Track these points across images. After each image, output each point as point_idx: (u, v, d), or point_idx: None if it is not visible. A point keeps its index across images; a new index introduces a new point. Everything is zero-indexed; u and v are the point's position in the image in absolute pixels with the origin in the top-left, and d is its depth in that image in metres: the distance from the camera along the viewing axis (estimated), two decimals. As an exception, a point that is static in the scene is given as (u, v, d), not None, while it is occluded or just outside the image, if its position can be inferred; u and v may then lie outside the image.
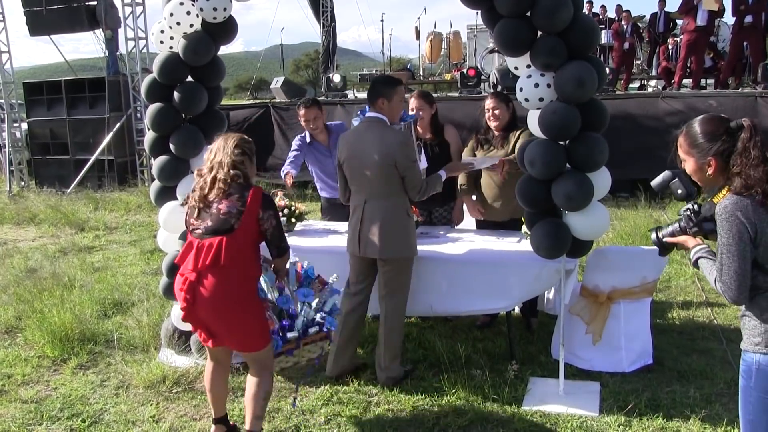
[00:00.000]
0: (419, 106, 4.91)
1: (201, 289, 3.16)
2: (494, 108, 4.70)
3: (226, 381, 3.57)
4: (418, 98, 4.95)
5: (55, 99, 13.21)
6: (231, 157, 3.25)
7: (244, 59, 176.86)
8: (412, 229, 4.09)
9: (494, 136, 4.77)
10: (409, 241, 4.04)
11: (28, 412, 3.94)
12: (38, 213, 10.31)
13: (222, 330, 3.25)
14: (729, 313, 5.23)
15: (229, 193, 3.21)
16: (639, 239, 7.07)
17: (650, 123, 10.28)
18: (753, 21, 11.38)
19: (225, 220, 3.19)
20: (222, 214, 3.19)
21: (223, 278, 3.16)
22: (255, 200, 3.21)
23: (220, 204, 3.20)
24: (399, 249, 3.99)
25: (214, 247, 3.15)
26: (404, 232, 4.01)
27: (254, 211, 3.21)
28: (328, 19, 18.59)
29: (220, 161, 3.26)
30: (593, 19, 4.13)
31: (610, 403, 3.80)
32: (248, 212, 3.19)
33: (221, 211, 3.19)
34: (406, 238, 4.01)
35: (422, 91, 5.14)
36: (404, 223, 4.02)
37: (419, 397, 3.96)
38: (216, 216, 3.20)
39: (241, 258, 3.20)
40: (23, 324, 5.27)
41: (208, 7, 4.01)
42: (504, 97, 4.82)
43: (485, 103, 4.79)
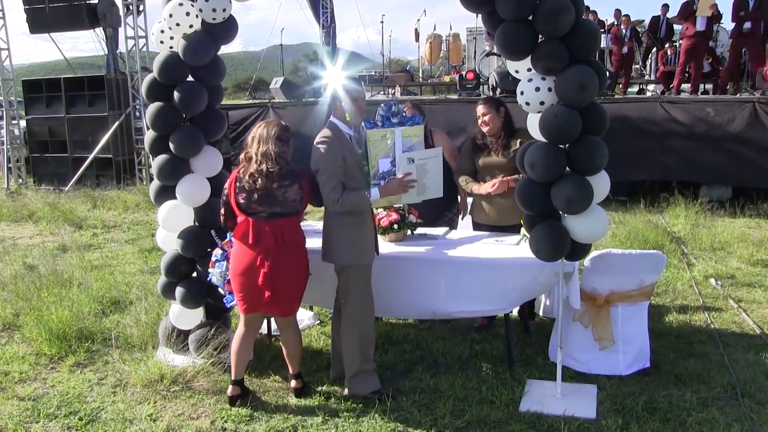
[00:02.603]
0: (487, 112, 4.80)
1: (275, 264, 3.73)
2: (484, 114, 4.70)
3: (251, 347, 4.09)
4: (411, 109, 4.94)
5: (54, 97, 13.20)
6: (276, 148, 3.72)
7: (243, 59, 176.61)
8: (360, 236, 3.89)
9: (492, 141, 4.75)
10: (351, 248, 3.87)
11: (25, 409, 3.94)
12: (36, 210, 10.31)
13: (286, 296, 3.82)
14: (726, 317, 5.25)
15: (287, 183, 3.73)
16: (637, 243, 7.08)
17: (648, 127, 10.30)
18: (752, 27, 11.43)
19: (292, 206, 3.78)
20: (290, 202, 3.76)
21: (294, 253, 3.80)
22: (309, 187, 3.84)
23: (285, 192, 3.73)
24: (340, 255, 3.88)
25: (284, 226, 3.76)
26: (345, 239, 3.86)
27: (310, 194, 3.86)
28: (327, 20, 18.59)
29: (266, 152, 3.71)
30: (594, 24, 4.14)
31: (608, 406, 3.80)
32: (307, 197, 3.84)
33: (289, 198, 3.75)
34: (348, 244, 3.86)
35: (415, 102, 5.18)
36: (346, 230, 3.85)
37: (417, 398, 3.96)
38: (284, 203, 3.75)
39: (300, 233, 3.87)
40: (21, 321, 5.27)
41: (207, 8, 4.02)
42: (495, 101, 4.79)
43: (477, 109, 4.79)
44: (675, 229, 8.18)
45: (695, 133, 10.07)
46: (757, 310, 5.43)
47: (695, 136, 10.06)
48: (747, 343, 4.70)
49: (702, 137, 10.02)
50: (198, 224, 4.43)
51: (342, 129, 3.89)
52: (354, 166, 3.83)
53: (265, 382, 4.21)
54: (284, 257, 3.77)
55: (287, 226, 3.78)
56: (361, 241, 3.90)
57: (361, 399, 3.94)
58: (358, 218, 3.87)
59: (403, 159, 3.86)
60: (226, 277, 4.04)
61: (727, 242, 7.51)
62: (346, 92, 3.91)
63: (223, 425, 3.72)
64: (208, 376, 4.20)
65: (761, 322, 5.11)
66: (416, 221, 4.59)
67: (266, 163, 3.69)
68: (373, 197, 3.81)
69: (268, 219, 3.75)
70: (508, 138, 4.70)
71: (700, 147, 9.98)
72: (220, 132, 4.47)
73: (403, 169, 3.86)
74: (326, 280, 4.10)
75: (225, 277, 4.05)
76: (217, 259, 4.12)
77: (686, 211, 8.72)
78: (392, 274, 4.23)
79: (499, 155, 4.69)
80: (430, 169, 3.94)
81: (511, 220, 4.69)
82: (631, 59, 14.41)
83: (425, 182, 3.96)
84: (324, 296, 4.38)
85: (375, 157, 3.87)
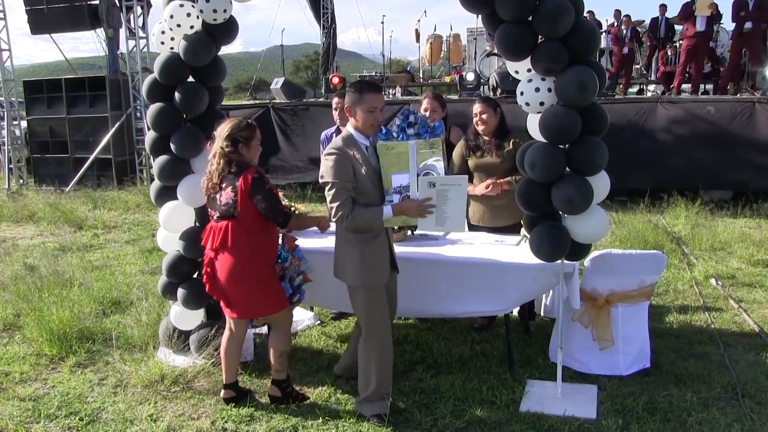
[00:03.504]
0: (433, 107, 4.98)
1: (217, 265, 3.72)
2: (482, 112, 4.69)
3: (238, 349, 4.01)
4: (432, 99, 4.97)
5: (55, 97, 13.22)
6: (222, 149, 3.64)
7: (244, 59, 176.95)
8: (370, 255, 3.58)
9: (485, 141, 4.75)
10: (358, 267, 3.58)
11: (26, 410, 3.94)
12: (37, 211, 10.32)
13: (234, 300, 3.75)
14: (727, 317, 5.25)
15: (225, 185, 3.64)
16: (638, 243, 7.08)
17: (648, 128, 10.31)
18: (752, 28, 11.44)
19: (226, 210, 3.66)
20: (223, 205, 3.66)
21: (233, 256, 3.66)
22: (244, 189, 3.60)
23: (220, 195, 3.66)
24: (348, 274, 3.64)
25: (222, 230, 3.67)
26: (353, 257, 3.59)
27: (246, 198, 3.61)
28: (328, 20, 18.61)
29: (215, 152, 3.68)
30: (594, 24, 4.14)
31: (608, 407, 3.81)
32: (242, 200, 3.61)
33: (221, 202, 3.67)
34: (356, 263, 3.59)
35: (436, 93, 5.15)
36: (353, 247, 3.58)
37: (417, 398, 3.96)
38: (219, 206, 3.68)
39: (249, 238, 3.66)
40: (22, 322, 5.27)
41: (207, 8, 4.02)
42: (492, 102, 4.81)
43: (473, 107, 4.79)
44: (675, 229, 8.18)
45: (695, 134, 10.07)
46: (758, 310, 5.43)
47: (695, 136, 10.06)
48: (747, 344, 4.70)
49: (702, 138, 10.01)
50: (199, 224, 4.43)
51: (357, 139, 3.57)
52: (367, 181, 3.50)
53: (266, 382, 4.21)
54: (220, 262, 3.71)
55: (227, 230, 3.66)
56: (369, 260, 3.59)
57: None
58: (367, 235, 3.58)
59: (423, 182, 3.44)
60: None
61: (727, 242, 7.51)
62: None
63: (223, 425, 3.73)
64: (209, 376, 4.20)
65: (762, 322, 5.11)
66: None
67: (213, 164, 3.68)
68: (385, 215, 3.44)
69: (217, 222, 3.74)
70: (502, 138, 4.70)
71: (700, 148, 9.97)
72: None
73: (423, 192, 3.46)
74: (327, 280, 4.09)
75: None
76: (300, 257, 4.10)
77: (686, 212, 8.73)
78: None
79: (493, 155, 4.69)
80: (452, 197, 3.45)
81: (504, 221, 4.70)
82: (632, 60, 14.41)
83: (445, 211, 3.48)
84: (326, 297, 4.38)
85: (388, 172, 3.52)
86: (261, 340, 4.72)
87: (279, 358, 3.88)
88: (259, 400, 3.98)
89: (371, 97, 3.52)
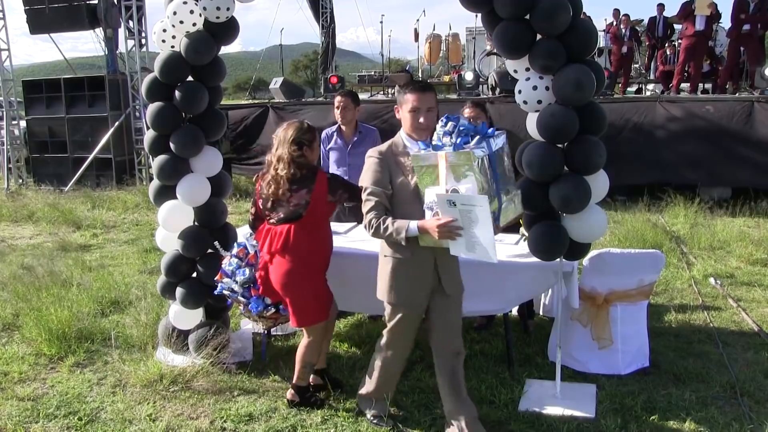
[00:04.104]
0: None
1: (271, 270, 3.76)
2: (476, 117, 4.41)
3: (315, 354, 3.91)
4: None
5: (54, 97, 13.20)
6: (291, 154, 3.65)
7: (243, 59, 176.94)
8: (398, 274, 3.35)
9: None
10: (386, 283, 3.40)
11: (25, 409, 3.94)
12: (36, 211, 10.30)
13: (288, 302, 3.76)
14: (725, 316, 5.25)
15: (296, 188, 3.65)
16: (636, 242, 7.08)
17: (647, 127, 10.31)
18: (750, 30, 11.46)
19: (295, 210, 3.68)
20: (293, 206, 3.68)
21: (290, 259, 3.68)
22: (321, 190, 3.68)
23: (291, 197, 3.66)
24: (378, 287, 3.49)
25: (284, 233, 3.68)
26: (383, 271, 3.43)
27: (322, 198, 3.70)
28: (327, 20, 18.63)
29: (280, 156, 3.68)
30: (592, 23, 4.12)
31: (607, 406, 3.81)
32: (315, 201, 3.67)
33: (291, 203, 3.68)
34: (384, 278, 3.42)
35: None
36: (386, 261, 3.39)
37: (416, 398, 3.97)
38: (287, 208, 3.70)
39: (309, 240, 3.71)
40: (20, 321, 5.27)
41: (211, 6, 4.02)
42: (482, 105, 4.79)
43: (464, 110, 4.58)
44: (674, 228, 8.19)
45: (694, 133, 10.08)
46: (757, 309, 5.43)
47: (694, 135, 10.06)
48: (746, 342, 4.70)
49: (701, 137, 10.02)
50: (198, 224, 4.43)
51: (406, 143, 3.32)
52: (405, 191, 3.26)
53: (264, 382, 4.22)
54: (275, 266, 3.74)
55: (288, 232, 3.69)
56: (398, 278, 3.35)
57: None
58: (403, 251, 3.29)
59: (442, 200, 3.03)
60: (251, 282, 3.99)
61: (726, 241, 7.51)
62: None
63: (222, 425, 3.72)
64: (208, 376, 4.20)
65: (760, 321, 5.11)
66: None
67: (280, 169, 3.66)
68: (410, 231, 3.12)
69: (276, 225, 3.76)
70: None
71: (699, 147, 9.97)
72: (220, 132, 4.47)
73: (444, 212, 3.04)
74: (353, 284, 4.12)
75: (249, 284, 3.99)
76: (234, 268, 4.01)
77: (685, 211, 8.73)
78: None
79: None
80: (476, 219, 2.96)
81: None
82: (631, 59, 14.42)
83: (474, 234, 2.99)
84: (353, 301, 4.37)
85: (423, 185, 3.17)
86: (260, 339, 4.72)
87: (303, 368, 3.85)
88: (257, 400, 3.98)
89: (412, 97, 3.26)
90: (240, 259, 4.04)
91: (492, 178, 3.00)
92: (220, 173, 4.48)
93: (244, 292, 4.01)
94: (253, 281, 3.97)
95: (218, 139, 4.60)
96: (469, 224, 3.00)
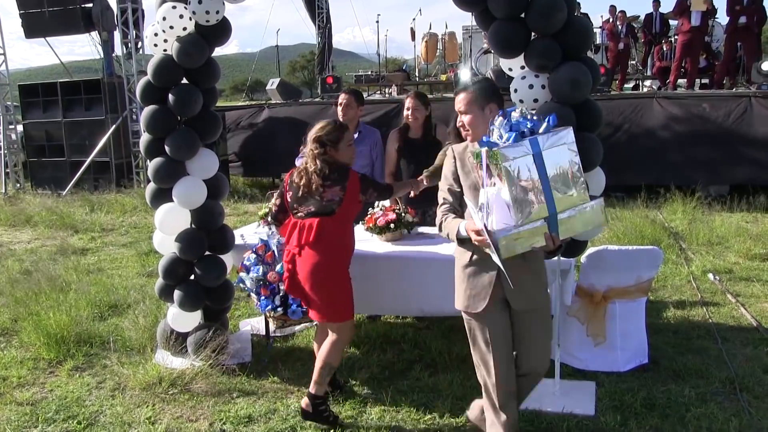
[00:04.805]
0: (415, 106, 4.97)
1: (298, 262, 3.70)
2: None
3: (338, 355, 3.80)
4: (414, 98, 4.98)
5: (51, 101, 13.19)
6: (312, 151, 3.68)
7: (240, 61, 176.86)
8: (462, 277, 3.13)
9: None
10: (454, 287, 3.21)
11: (24, 414, 3.93)
12: (34, 215, 10.29)
13: (313, 300, 3.69)
14: (724, 312, 5.25)
15: (330, 184, 3.64)
16: (635, 239, 7.08)
17: (644, 123, 10.31)
18: (747, 22, 11.45)
19: (327, 205, 3.65)
20: (326, 201, 3.65)
21: (320, 252, 3.63)
22: (353, 189, 3.69)
23: (324, 192, 3.64)
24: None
25: (315, 226, 3.63)
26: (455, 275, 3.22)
27: (355, 197, 3.71)
28: (323, 20, 18.64)
29: (309, 152, 3.71)
30: (588, 20, 4.11)
31: (606, 403, 3.81)
32: (348, 199, 3.67)
33: (325, 198, 3.65)
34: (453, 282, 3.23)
35: (418, 92, 5.16)
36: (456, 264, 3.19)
37: (415, 397, 3.96)
38: (319, 202, 3.65)
39: (339, 234, 3.69)
40: (19, 326, 5.26)
41: (200, 10, 4.01)
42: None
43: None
44: (672, 224, 8.19)
45: (691, 129, 10.08)
46: (755, 304, 5.43)
47: (692, 131, 10.06)
48: (745, 338, 4.70)
49: (699, 133, 10.01)
50: (195, 227, 4.43)
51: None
52: (468, 190, 3.05)
53: (264, 383, 4.21)
54: (303, 258, 3.67)
55: (319, 225, 3.61)
56: (461, 282, 3.13)
57: (361, 398, 3.96)
58: (463, 255, 3.10)
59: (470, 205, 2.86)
60: (261, 281, 4.03)
61: (724, 237, 7.52)
62: None
63: (221, 427, 3.72)
64: (207, 378, 4.19)
65: (759, 316, 5.11)
66: (413, 220, 4.59)
67: (309, 163, 3.67)
68: (458, 233, 2.95)
69: (305, 218, 3.70)
70: None
71: (696, 143, 9.97)
72: (216, 134, 4.46)
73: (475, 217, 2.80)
74: None
75: (261, 282, 4.04)
76: (251, 264, 4.11)
77: (683, 207, 8.73)
78: (389, 272, 4.23)
79: None
80: None
81: None
82: (627, 55, 14.43)
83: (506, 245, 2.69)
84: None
85: None
86: (258, 340, 4.72)
87: (322, 369, 3.69)
88: (257, 401, 3.98)
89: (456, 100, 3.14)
90: (259, 256, 4.11)
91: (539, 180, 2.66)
92: (217, 175, 4.47)
93: (256, 289, 4.08)
94: (264, 281, 4.03)
95: (214, 141, 4.60)
96: None
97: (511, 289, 2.99)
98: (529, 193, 2.65)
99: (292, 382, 4.20)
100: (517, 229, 2.66)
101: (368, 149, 5.26)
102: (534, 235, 2.67)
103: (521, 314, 3.09)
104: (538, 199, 2.66)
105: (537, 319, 3.12)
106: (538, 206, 2.67)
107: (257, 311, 4.20)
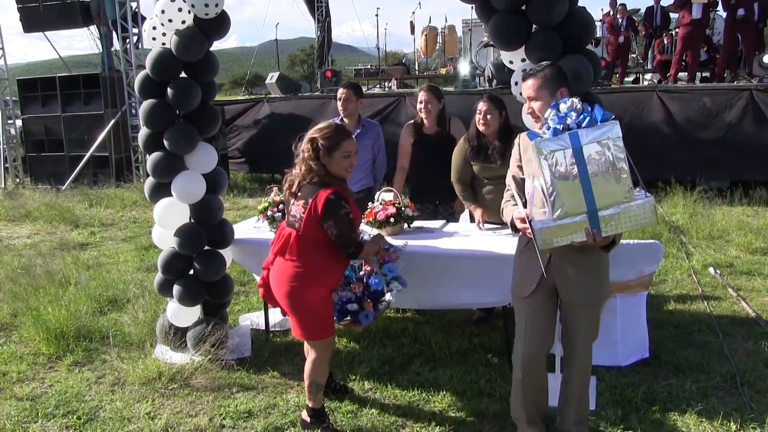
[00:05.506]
0: (428, 99, 4.93)
1: (272, 270, 3.50)
2: (486, 112, 4.40)
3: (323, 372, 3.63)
4: (427, 92, 4.94)
5: (50, 96, 13.15)
6: (303, 152, 3.33)
7: (239, 55, 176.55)
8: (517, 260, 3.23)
9: (491, 145, 4.48)
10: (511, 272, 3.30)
11: (24, 409, 3.93)
12: (33, 210, 10.28)
13: (289, 312, 3.45)
14: (725, 306, 5.24)
15: (300, 194, 3.35)
16: (635, 233, 7.04)
17: (645, 116, 10.27)
18: (745, 14, 11.40)
19: (292, 221, 3.41)
20: (291, 215, 3.42)
21: (288, 266, 3.37)
22: (314, 210, 3.26)
23: (294, 204, 3.38)
24: None
25: (286, 237, 3.40)
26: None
27: (314, 219, 3.29)
28: (322, 14, 18.59)
29: (299, 154, 3.36)
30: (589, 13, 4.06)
31: (607, 397, 3.80)
32: (309, 219, 3.29)
33: (290, 212, 3.42)
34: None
35: (431, 86, 5.12)
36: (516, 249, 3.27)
37: (415, 392, 3.95)
38: (288, 214, 3.47)
39: (306, 255, 3.34)
40: (18, 321, 5.25)
41: (199, 3, 3.98)
42: (499, 103, 4.48)
43: (477, 105, 4.49)
44: (673, 218, 8.17)
45: (692, 122, 10.04)
46: (756, 298, 5.42)
47: (692, 125, 10.03)
48: (746, 332, 4.69)
49: (700, 126, 9.98)
50: (194, 221, 4.41)
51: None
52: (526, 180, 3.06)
53: (263, 378, 4.20)
54: (275, 267, 3.47)
55: (289, 239, 3.38)
56: (517, 268, 3.23)
57: (361, 393, 3.95)
58: (520, 241, 3.20)
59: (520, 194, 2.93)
60: None
61: (725, 230, 7.50)
62: None
63: (221, 422, 3.71)
64: (206, 373, 4.19)
65: (760, 310, 5.10)
66: (413, 214, 4.57)
67: (297, 165, 3.38)
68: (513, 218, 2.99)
69: (287, 226, 3.48)
70: (506, 143, 4.36)
71: (697, 136, 9.93)
72: (215, 128, 4.44)
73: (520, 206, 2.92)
74: None
75: None
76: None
77: (684, 200, 8.71)
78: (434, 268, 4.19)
79: (497, 163, 4.44)
80: None
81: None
82: (628, 49, 14.38)
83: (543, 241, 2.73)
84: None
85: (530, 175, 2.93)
86: (258, 335, 4.71)
87: (310, 387, 3.52)
88: (257, 396, 3.97)
89: None
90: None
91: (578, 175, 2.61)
92: (216, 169, 4.46)
93: None
94: None
95: (214, 136, 4.58)
96: None
97: (561, 280, 3.00)
98: (566, 187, 2.61)
99: (291, 376, 4.19)
100: (555, 223, 2.64)
101: (371, 143, 5.26)
102: (573, 229, 2.65)
103: (570, 307, 3.09)
104: (576, 194, 2.62)
105: (581, 313, 3.09)
106: (576, 201, 2.63)
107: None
